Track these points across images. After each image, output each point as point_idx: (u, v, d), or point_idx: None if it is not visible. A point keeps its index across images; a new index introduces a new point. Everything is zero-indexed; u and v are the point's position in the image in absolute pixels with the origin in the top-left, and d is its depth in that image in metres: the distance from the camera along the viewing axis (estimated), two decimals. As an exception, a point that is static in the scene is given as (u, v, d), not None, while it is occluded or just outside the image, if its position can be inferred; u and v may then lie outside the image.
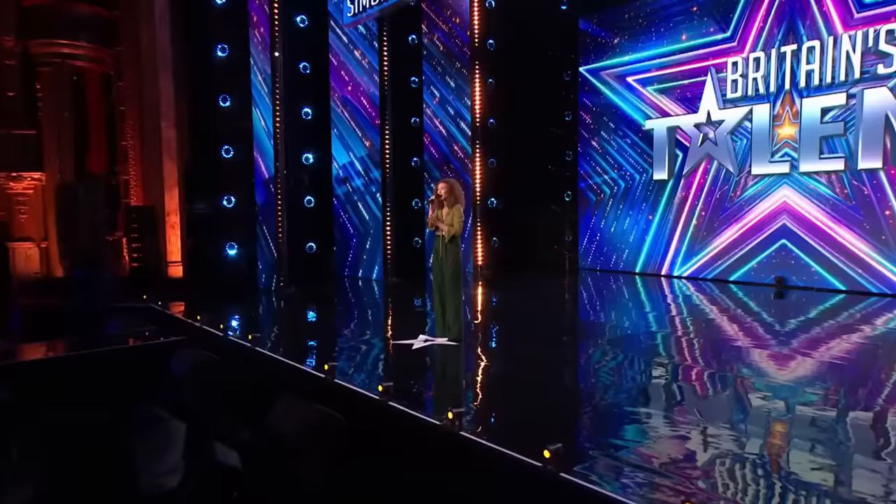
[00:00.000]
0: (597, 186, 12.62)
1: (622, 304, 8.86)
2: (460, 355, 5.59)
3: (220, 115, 9.75)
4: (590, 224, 12.73)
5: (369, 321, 7.69)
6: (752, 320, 7.24)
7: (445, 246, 5.79)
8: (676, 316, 7.77)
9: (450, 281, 5.78)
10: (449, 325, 5.84)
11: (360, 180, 11.22)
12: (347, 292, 10.10)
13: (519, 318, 7.50)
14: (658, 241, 11.57)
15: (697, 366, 5.26)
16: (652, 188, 11.63)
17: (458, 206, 5.70)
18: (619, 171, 12.18)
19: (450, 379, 5.21)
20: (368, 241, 11.26)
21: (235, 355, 5.57)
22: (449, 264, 5.78)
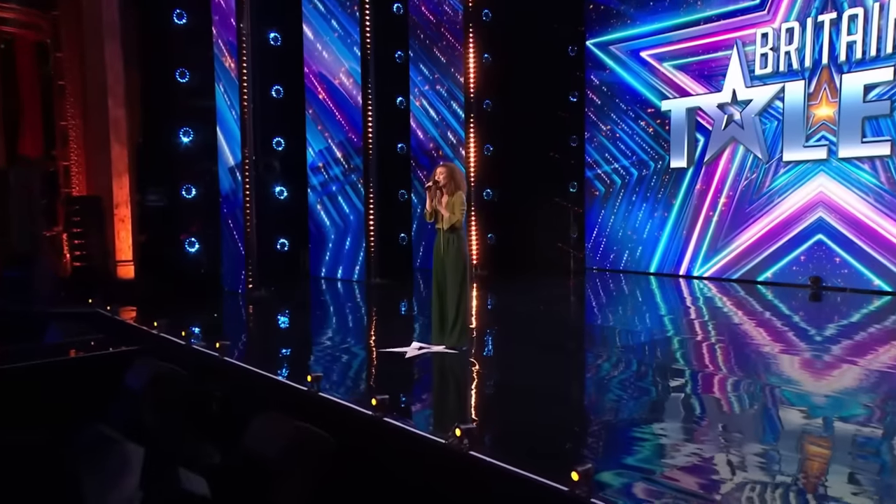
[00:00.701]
0: (606, 176, 12.62)
1: (637, 308, 8.93)
2: (462, 365, 5.59)
3: (178, 92, 9.62)
4: (598, 218, 12.74)
5: (351, 327, 7.80)
6: (785, 325, 7.28)
7: (447, 238, 5.79)
8: (697, 320, 7.84)
9: (453, 279, 5.76)
10: (451, 332, 5.81)
11: (339, 168, 11.16)
12: (325, 295, 10.16)
13: (522, 323, 7.54)
14: (675, 237, 11.57)
15: (725, 377, 5.29)
16: (669, 178, 11.63)
17: (459, 193, 5.72)
18: (632, 158, 12.16)
19: (453, 391, 5.20)
20: (348, 237, 11.23)
21: (200, 366, 5.54)
22: (451, 259, 5.77)
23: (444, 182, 5.73)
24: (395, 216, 11.41)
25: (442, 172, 5.75)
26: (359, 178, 10.94)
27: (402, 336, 6.66)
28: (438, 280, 5.86)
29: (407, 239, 11.74)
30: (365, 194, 10.95)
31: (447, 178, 5.73)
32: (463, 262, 5.77)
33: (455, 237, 5.77)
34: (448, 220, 5.74)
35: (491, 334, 6.87)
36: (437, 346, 5.87)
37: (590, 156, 12.82)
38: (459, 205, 5.69)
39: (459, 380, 5.39)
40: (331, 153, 11.22)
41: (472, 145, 12.26)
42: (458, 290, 5.77)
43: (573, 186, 12.88)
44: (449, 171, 5.76)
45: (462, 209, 5.68)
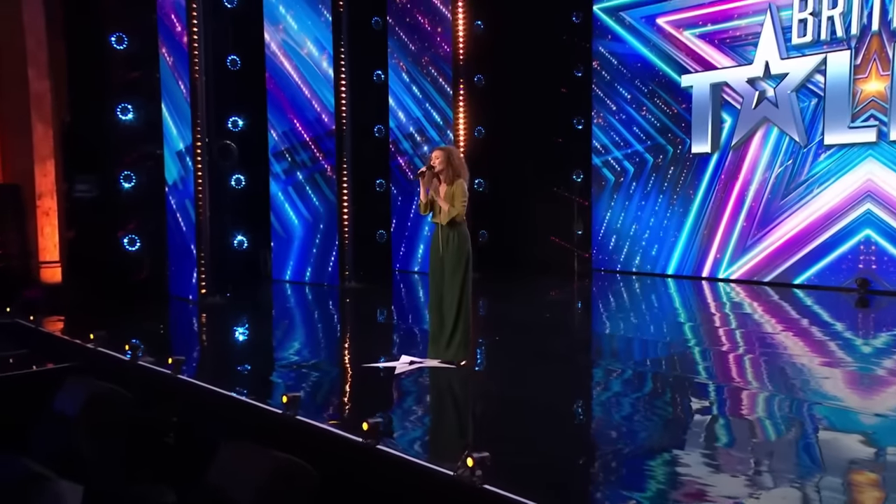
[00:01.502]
0: (616, 163, 12.60)
1: (653, 315, 9.03)
2: (462, 382, 5.65)
3: (114, 61, 9.57)
4: (606, 213, 12.75)
5: (326, 338, 7.91)
6: (827, 335, 7.37)
7: (446, 235, 5.77)
8: (723, 329, 7.92)
9: (452, 282, 5.75)
10: (449, 344, 5.81)
11: (307, 153, 11.19)
12: (291, 301, 10.30)
13: (525, 333, 7.61)
14: (697, 234, 11.56)
15: (756, 393, 5.31)
16: (689, 165, 11.61)
17: (460, 182, 5.72)
18: (646, 143, 12.15)
19: (456, 413, 5.21)
20: (318, 234, 11.23)
21: (149, 387, 5.48)
22: (451, 259, 5.75)
23: (442, 168, 5.71)
24: (372, 209, 11.52)
25: (438, 156, 5.74)
26: (330, 164, 10.98)
27: (386, 348, 6.69)
28: (436, 283, 5.84)
29: (385, 236, 11.80)
30: (337, 184, 10.95)
31: (444, 162, 5.71)
32: (465, 262, 5.75)
33: (455, 233, 5.75)
34: (447, 214, 5.70)
35: (491, 346, 6.88)
36: (433, 360, 5.88)
37: (597, 140, 12.79)
38: (460, 195, 5.66)
39: (462, 399, 5.42)
40: (297, 136, 11.24)
41: (462, 127, 12.36)
42: (458, 295, 5.74)
43: (578, 175, 12.87)
44: (447, 155, 5.74)
45: (464, 200, 5.66)
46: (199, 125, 9.50)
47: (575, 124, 12.87)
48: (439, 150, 5.83)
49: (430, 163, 5.76)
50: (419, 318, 8.87)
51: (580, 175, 12.87)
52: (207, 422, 4.92)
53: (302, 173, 11.25)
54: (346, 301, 10.19)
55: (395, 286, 11.70)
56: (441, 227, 5.79)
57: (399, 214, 12.66)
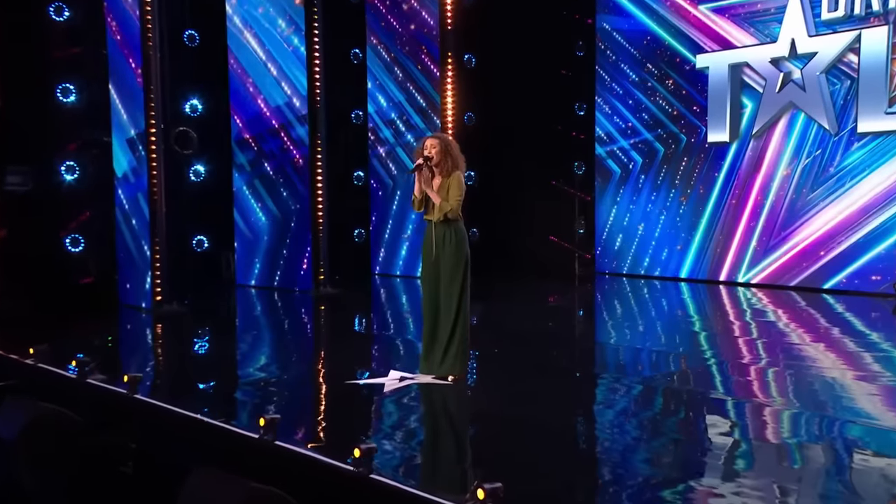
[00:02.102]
0: (622, 154, 12.60)
1: (664, 323, 9.11)
2: (460, 401, 5.67)
3: (53, 35, 9.31)
4: (612, 209, 12.76)
5: (301, 351, 7.94)
6: (860, 345, 7.39)
7: (441, 233, 5.81)
8: (744, 338, 7.96)
9: (449, 287, 5.78)
10: (444, 358, 5.84)
11: (276, 142, 11.15)
12: (258, 309, 10.33)
13: (523, 343, 7.65)
14: (714, 232, 11.56)
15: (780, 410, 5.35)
16: (705, 156, 11.62)
17: (457, 174, 5.76)
18: (656, 131, 12.13)
19: (457, 437, 5.18)
20: (289, 233, 11.19)
21: (102, 408, 5.43)
22: (448, 261, 5.78)
23: (438, 159, 5.74)
24: (350, 206, 11.63)
25: (434, 146, 5.77)
26: (302, 155, 10.94)
27: (371, 363, 6.75)
28: (429, 289, 5.87)
29: (364, 235, 11.85)
30: (310, 177, 10.88)
31: (441, 153, 5.75)
32: (464, 265, 5.79)
33: (452, 231, 5.78)
34: (441, 209, 5.73)
35: (489, 359, 6.89)
36: (426, 375, 5.89)
37: (601, 127, 12.79)
38: (458, 189, 5.70)
39: (460, 420, 5.45)
40: (264, 122, 11.18)
41: (449, 112, 12.27)
42: (456, 302, 5.76)
43: (579, 167, 12.85)
44: (443, 145, 5.78)
45: (461, 194, 5.71)
46: (152, 109, 9.42)
47: (576, 110, 12.87)
48: (433, 138, 5.83)
49: (425, 153, 5.76)
50: (404, 327, 8.93)
51: (582, 167, 12.84)
52: (171, 448, 4.88)
53: (270, 164, 11.22)
54: (321, 309, 10.18)
55: (375, 292, 11.73)
56: (435, 225, 5.80)
57: (379, 211, 12.67)
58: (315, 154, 10.91)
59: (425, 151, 5.76)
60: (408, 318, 9.49)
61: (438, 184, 5.78)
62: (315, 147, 10.90)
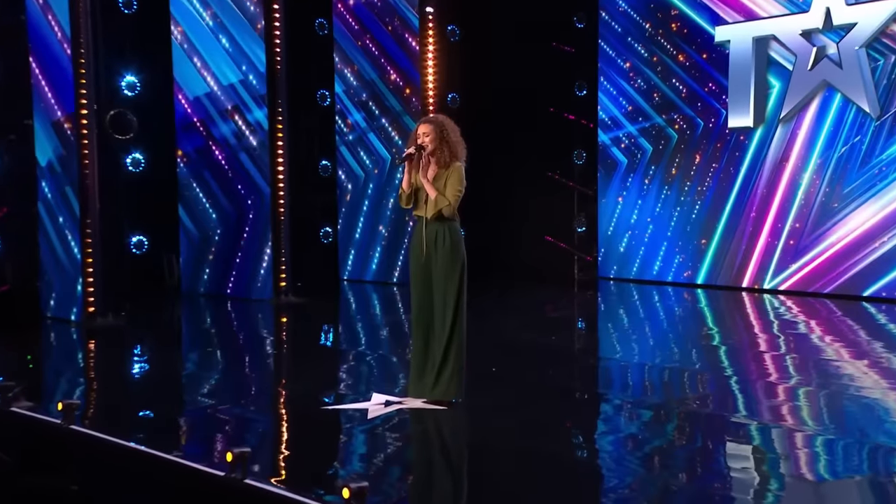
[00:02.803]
0: (629, 141, 12.56)
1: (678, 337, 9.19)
2: (458, 428, 5.73)
3: None
4: (617, 204, 12.72)
5: (264, 371, 7.95)
6: None
7: (434, 232, 5.83)
8: (770, 354, 8.00)
9: (443, 296, 5.80)
10: (439, 380, 5.86)
11: (229, 126, 11.09)
12: (208, 321, 10.36)
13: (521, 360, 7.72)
14: (735, 232, 11.51)
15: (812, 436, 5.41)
16: (726, 143, 11.57)
17: (457, 166, 5.80)
18: (669, 114, 12.08)
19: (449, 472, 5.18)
20: (244, 233, 11.16)
21: (31, 443, 5.42)
22: (442, 266, 5.81)
23: (434, 146, 5.76)
24: (316, 200, 11.44)
25: (427, 132, 5.79)
26: (259, 141, 10.90)
27: (347, 384, 6.87)
28: (421, 297, 5.90)
29: (332, 235, 11.61)
30: (270, 167, 10.84)
31: (436, 140, 5.77)
32: (460, 269, 5.82)
33: (446, 231, 5.82)
34: (437, 205, 5.76)
35: (487, 380, 6.90)
36: (415, 399, 5.94)
37: (605, 110, 12.73)
38: (457, 182, 5.74)
39: (457, 452, 5.49)
40: (215, 102, 11.14)
41: (430, 93, 12.21)
42: (451, 313, 5.78)
43: (579, 157, 12.77)
44: (438, 131, 5.79)
45: (460, 189, 5.76)
46: (83, 87, 9.37)
47: (576, 91, 12.76)
48: (427, 123, 5.85)
49: (419, 141, 5.78)
50: (381, 342, 9.04)
51: (583, 157, 12.76)
52: (121, 490, 4.85)
53: (222, 153, 11.14)
54: (283, 321, 10.19)
55: (344, 301, 11.79)
56: (426, 223, 5.82)
57: (349, 208, 12.62)
58: (275, 141, 10.85)
59: (418, 140, 5.77)
60: (384, 331, 9.62)
61: (434, 174, 5.78)
62: (275, 132, 10.84)
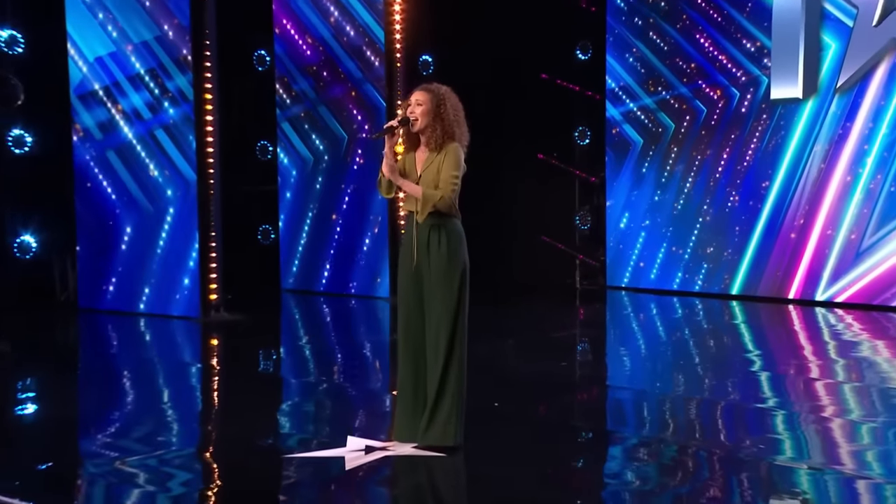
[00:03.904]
0: (646, 116, 12.49)
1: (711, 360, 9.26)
2: (454, 482, 5.76)
3: None
4: (630, 196, 12.62)
5: (193, 408, 7.95)
6: None
7: (428, 234, 5.85)
8: (824, 382, 8.06)
9: (442, 312, 5.83)
10: (435, 420, 5.87)
11: (142, 96, 11.00)
12: (114, 343, 10.39)
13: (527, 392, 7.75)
14: (779, 230, 11.46)
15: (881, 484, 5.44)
16: (769, 118, 11.48)
17: (453, 147, 5.79)
18: (696, 82, 12.02)
19: None
20: (163, 232, 11.07)
21: None
22: (438, 275, 5.83)
23: (425, 122, 5.74)
24: (252, 191, 11.72)
25: (421, 102, 5.76)
26: (183, 115, 10.85)
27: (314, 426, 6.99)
28: (409, 315, 5.92)
29: (274, 234, 11.72)
30: (196, 149, 10.74)
31: (430, 113, 5.74)
32: (460, 279, 5.82)
33: (444, 231, 5.81)
34: (427, 201, 5.76)
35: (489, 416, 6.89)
36: (404, 444, 5.94)
37: (615, 79, 12.68)
38: (452, 167, 5.73)
39: None
40: (122, 66, 11.05)
41: (398, 54, 12.15)
42: (448, 334, 5.79)
43: (583, 136, 12.84)
44: (435, 103, 5.76)
45: (456, 176, 5.74)
46: None
47: (578, 53, 12.79)
48: (423, 91, 5.78)
49: (408, 111, 5.77)
50: (351, 370, 8.98)
51: (587, 135, 12.78)
52: None
53: (133, 130, 10.99)
54: (215, 344, 10.23)
55: (288, 317, 11.86)
56: (417, 221, 5.83)
57: (294, 200, 12.58)
58: (202, 115, 10.73)
59: (408, 110, 5.75)
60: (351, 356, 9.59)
61: (424, 160, 5.76)
62: (201, 104, 10.74)
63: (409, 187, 5.75)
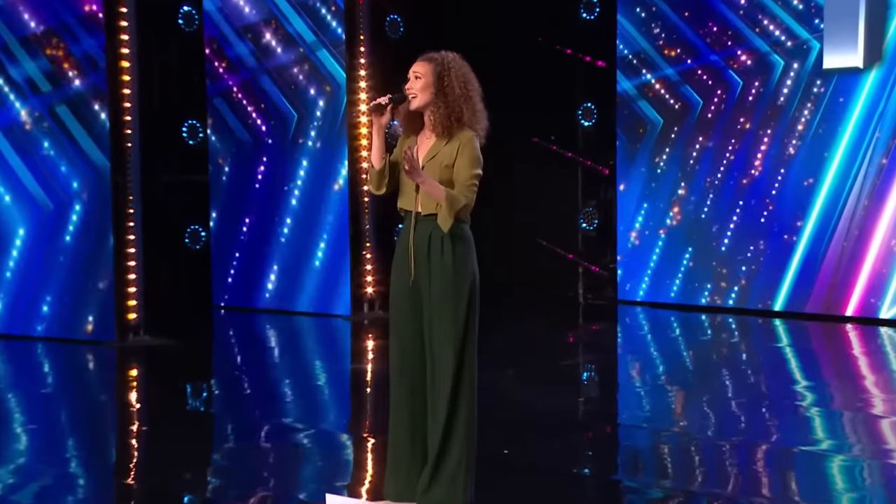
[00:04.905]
0: (667, 91, 12.50)
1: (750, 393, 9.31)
2: None
3: None
4: (646, 188, 12.65)
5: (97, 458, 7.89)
6: None
7: (428, 238, 5.81)
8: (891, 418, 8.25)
9: (448, 336, 5.79)
10: (440, 474, 5.84)
11: (38, 64, 10.94)
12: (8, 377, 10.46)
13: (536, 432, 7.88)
14: (833, 233, 11.48)
15: None
16: (822, 92, 11.52)
17: (467, 138, 5.70)
18: (730, 49, 11.97)
19: None
20: (66, 237, 11.09)
21: None
22: (444, 293, 5.80)
23: (425, 100, 5.67)
24: (177, 182, 11.66)
25: (422, 72, 5.66)
26: (91, 88, 10.88)
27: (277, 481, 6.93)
28: (404, 341, 5.89)
29: (205, 236, 11.82)
30: (111, 132, 10.77)
31: (431, 87, 5.67)
32: (466, 299, 5.79)
33: (449, 238, 5.75)
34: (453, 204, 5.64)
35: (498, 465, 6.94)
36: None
37: (628, 43, 12.67)
38: (470, 164, 5.67)
39: None
40: (14, 24, 11.03)
41: (360, 15, 12.14)
42: (453, 368, 5.75)
43: (588, 115, 12.93)
44: (436, 74, 5.67)
45: (476, 175, 5.69)
46: None
47: (581, 12, 12.89)
48: (426, 61, 5.68)
49: (405, 86, 5.69)
50: (303, 408, 9.02)
51: (593, 114, 12.88)
52: None
53: (26, 105, 11.05)
54: (132, 374, 10.26)
55: (224, 341, 11.93)
56: (417, 221, 5.78)
57: (230, 194, 12.75)
58: (116, 87, 10.72)
59: (406, 85, 5.67)
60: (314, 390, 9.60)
61: (428, 148, 5.68)
62: (116, 73, 10.73)
63: (431, 185, 5.59)
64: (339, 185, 11.98)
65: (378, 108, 5.69)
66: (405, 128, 5.85)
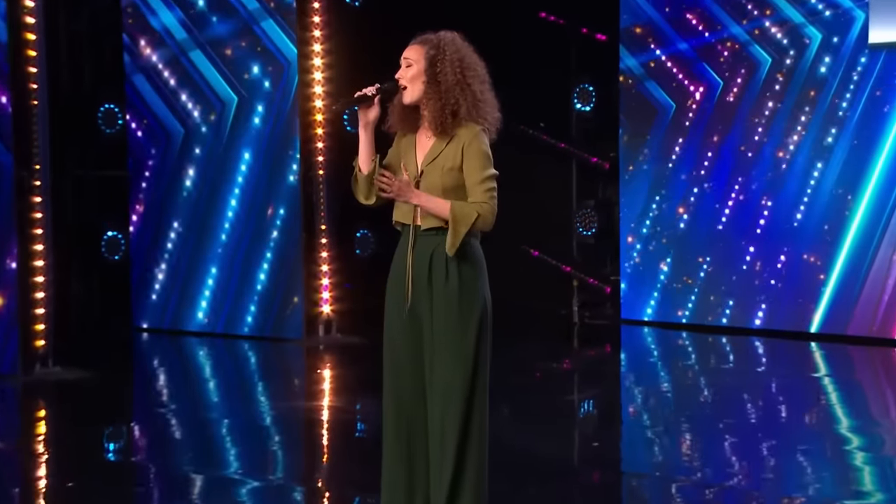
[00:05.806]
0: (680, 71, 12.55)
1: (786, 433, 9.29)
2: None
3: None
4: (657, 186, 12.79)
5: None
6: None
7: (431, 255, 5.77)
8: None
9: (454, 368, 5.75)
10: None
11: None
12: None
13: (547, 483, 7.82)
14: (881, 238, 11.59)
15: None
16: (864, 73, 11.58)
17: (474, 132, 5.63)
18: (757, 21, 12.14)
19: None
20: None
21: None
22: (447, 324, 5.75)
23: (418, 92, 5.68)
24: (92, 178, 12.24)
25: (414, 58, 5.67)
26: None
27: None
28: (401, 375, 5.89)
29: (124, 245, 11.76)
30: (13, 118, 10.81)
31: (424, 75, 5.67)
32: (476, 328, 5.71)
33: (456, 259, 5.70)
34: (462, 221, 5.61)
35: None
36: None
37: (633, 14, 12.80)
38: (483, 165, 5.60)
39: None
40: None
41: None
42: (461, 409, 5.73)
43: (586, 98, 13.07)
44: (430, 58, 5.68)
45: (492, 176, 5.61)
46: None
47: None
48: (419, 44, 5.70)
49: (398, 74, 5.71)
50: (251, 454, 8.91)
51: (591, 97, 13.18)
52: None
53: None
54: (40, 414, 10.24)
55: (149, 372, 11.96)
56: (416, 235, 5.76)
57: (153, 194, 12.78)
58: (20, 65, 10.83)
59: (398, 73, 5.70)
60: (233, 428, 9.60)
61: (428, 149, 5.67)
62: (19, 49, 10.87)
63: (429, 202, 5.57)
64: (289, 183, 11.87)
65: (364, 99, 5.61)
66: (400, 125, 5.75)
